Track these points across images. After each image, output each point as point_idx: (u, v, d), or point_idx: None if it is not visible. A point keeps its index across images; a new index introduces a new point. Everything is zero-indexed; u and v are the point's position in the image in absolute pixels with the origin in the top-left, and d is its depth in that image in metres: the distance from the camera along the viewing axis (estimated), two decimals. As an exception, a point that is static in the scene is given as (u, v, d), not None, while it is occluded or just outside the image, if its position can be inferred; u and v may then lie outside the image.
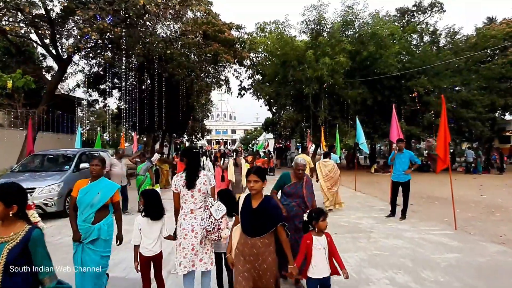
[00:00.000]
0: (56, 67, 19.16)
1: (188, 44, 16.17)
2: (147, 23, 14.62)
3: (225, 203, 3.42)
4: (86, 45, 14.21)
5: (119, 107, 26.18)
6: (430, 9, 24.93)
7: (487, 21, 27.96)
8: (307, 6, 19.94)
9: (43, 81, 16.43)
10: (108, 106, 26.95)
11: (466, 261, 4.82)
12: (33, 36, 15.52)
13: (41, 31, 14.46)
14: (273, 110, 29.67)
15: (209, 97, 19.09)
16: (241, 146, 49.83)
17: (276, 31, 21.19)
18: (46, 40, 15.18)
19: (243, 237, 2.91)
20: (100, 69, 21.79)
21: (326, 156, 9.32)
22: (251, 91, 27.35)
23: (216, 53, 16.06)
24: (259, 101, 26.11)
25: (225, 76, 20.10)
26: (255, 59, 24.28)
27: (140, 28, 14.33)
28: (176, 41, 16.67)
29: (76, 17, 13.33)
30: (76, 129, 17.58)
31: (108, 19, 13.49)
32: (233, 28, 19.09)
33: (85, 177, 3.98)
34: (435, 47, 22.15)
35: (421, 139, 24.30)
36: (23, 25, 14.34)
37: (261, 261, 2.83)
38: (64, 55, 15.31)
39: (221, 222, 3.22)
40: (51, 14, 14.26)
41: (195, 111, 29.16)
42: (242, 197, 3.06)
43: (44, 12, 14.02)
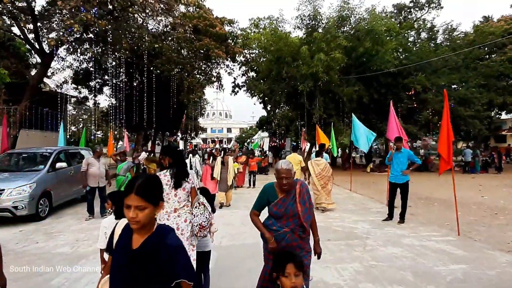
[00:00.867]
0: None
1: (178, 39, 15.54)
2: (134, 15, 13.97)
3: (208, 199, 3.53)
4: (69, 38, 13.56)
5: (110, 104, 25.60)
6: (427, 5, 24.47)
7: (483, 20, 27.60)
8: (302, 1, 19.40)
9: (27, 76, 15.72)
10: (98, 104, 26.35)
11: (474, 274, 4.29)
12: (16, 30, 14.88)
13: (23, 23, 13.81)
14: (268, 108, 29.14)
15: (201, 95, 18.40)
16: (236, 145, 49.21)
17: (270, 27, 20.64)
18: (31, 35, 14.54)
19: None
20: (90, 65, 21.16)
21: (318, 155, 9.09)
22: (245, 88, 26.76)
23: (207, 48, 15.43)
24: (252, 98, 25.50)
25: (217, 73, 19.46)
26: (248, 56, 23.68)
27: (127, 21, 13.67)
28: (165, 36, 16.02)
29: (57, 9, 12.66)
30: (64, 126, 17.00)
31: (93, 11, 12.85)
32: (226, 23, 18.49)
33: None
34: (432, 44, 21.68)
35: (418, 137, 23.86)
36: (5, 18, 13.68)
37: None
38: (48, 49, 14.66)
39: (212, 217, 3.36)
40: (34, 7, 13.60)
41: (188, 108, 28.60)
42: (120, 225, 1.85)
43: (26, 4, 13.36)
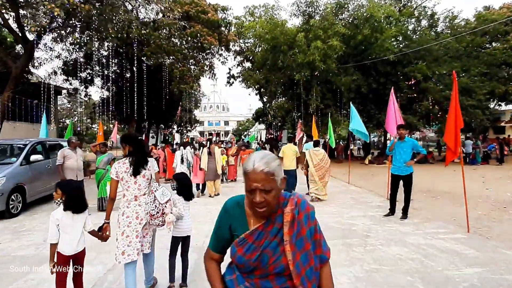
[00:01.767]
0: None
1: (168, 25, 14.77)
2: (120, 0, 13.20)
3: (181, 186, 3.60)
4: (51, 24, 12.80)
5: (101, 96, 24.86)
6: (427, -8, 23.71)
7: (483, 9, 26.85)
8: (298, -14, 18.63)
9: (9, 65, 14.92)
10: (90, 95, 25.58)
11: (492, 280, 3.71)
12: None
13: (5, 10, 13.05)
14: (264, 99, 28.46)
15: (193, 85, 17.65)
16: (233, 138, 48.64)
17: (266, 15, 19.86)
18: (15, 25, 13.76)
19: None
20: (80, 55, 20.40)
21: (316, 145, 8.78)
22: (240, 79, 26.01)
23: (199, 35, 14.69)
24: (247, 89, 24.79)
25: (209, 61, 18.64)
26: (243, 45, 22.92)
27: (113, 6, 12.90)
28: (155, 23, 15.26)
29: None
30: (51, 118, 16.29)
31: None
32: (219, 9, 17.68)
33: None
34: (433, 32, 20.97)
35: (417, 129, 23.29)
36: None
37: None
38: (31, 36, 13.89)
39: (165, 206, 3.20)
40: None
41: (182, 100, 27.83)
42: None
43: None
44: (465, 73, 18.79)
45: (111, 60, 21.18)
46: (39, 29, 12.66)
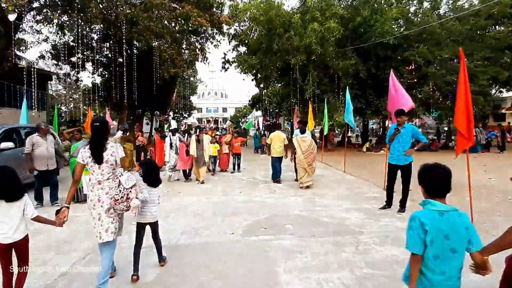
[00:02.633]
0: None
1: (157, 6, 13.97)
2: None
3: (148, 172, 3.68)
4: (30, 3, 12.02)
5: (93, 81, 24.11)
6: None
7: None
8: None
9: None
10: (81, 81, 24.79)
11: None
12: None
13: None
14: (261, 85, 27.70)
15: (185, 69, 16.88)
16: (231, 125, 48.01)
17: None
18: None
19: None
20: (70, 39, 19.58)
21: (303, 132, 8.65)
22: (235, 64, 25.15)
23: (188, 16, 13.89)
24: (242, 74, 23.98)
25: (200, 44, 17.79)
26: (238, 28, 22.04)
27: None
28: (142, 3, 14.43)
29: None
30: (35, 103, 15.61)
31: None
32: (211, -11, 16.78)
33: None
34: (435, 14, 20.09)
35: (417, 115, 22.66)
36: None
37: None
38: (10, 17, 13.10)
39: (130, 191, 3.22)
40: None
41: (177, 86, 27.10)
42: None
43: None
44: (468, 57, 18.03)
45: (100, 43, 20.41)
46: (17, 9, 11.93)
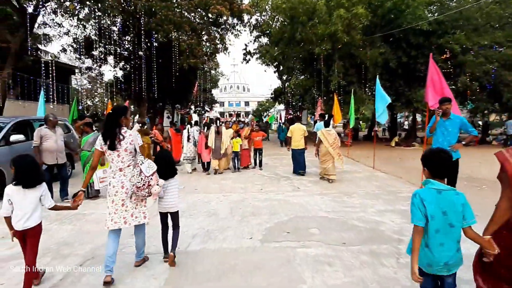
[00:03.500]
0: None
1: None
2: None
3: (157, 165, 3.48)
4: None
5: (115, 75, 24.13)
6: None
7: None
8: None
9: (8, 40, 14.16)
10: (103, 74, 24.90)
11: None
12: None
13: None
14: (283, 78, 26.92)
15: (204, 60, 16.37)
16: (253, 118, 47.51)
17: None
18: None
19: None
20: (92, 32, 19.55)
21: (327, 125, 8.50)
22: (257, 56, 24.48)
23: (207, 4, 13.32)
24: (264, 65, 23.26)
25: (219, 34, 17.14)
26: (260, 18, 21.33)
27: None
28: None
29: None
30: (53, 97, 15.56)
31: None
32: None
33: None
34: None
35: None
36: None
37: None
38: (27, 7, 13.02)
39: (151, 179, 3.30)
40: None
41: (198, 79, 26.74)
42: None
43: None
44: (510, 44, 16.54)
45: (121, 35, 20.27)
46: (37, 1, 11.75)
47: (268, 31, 21.15)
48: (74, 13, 14.03)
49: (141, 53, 18.94)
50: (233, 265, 3.61)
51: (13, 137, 7.03)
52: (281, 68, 25.24)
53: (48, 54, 20.98)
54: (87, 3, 13.58)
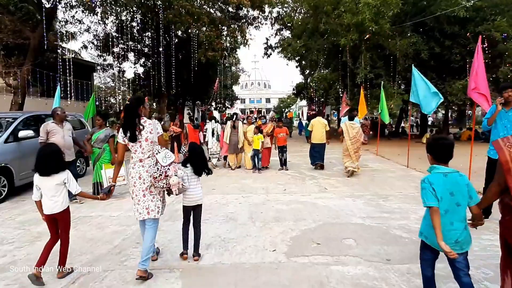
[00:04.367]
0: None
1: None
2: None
3: (191, 156, 3.59)
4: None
5: (135, 72, 24.06)
6: None
7: None
8: None
9: (28, 37, 14.06)
10: (124, 71, 24.84)
11: None
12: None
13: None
14: (306, 72, 26.03)
15: (223, 53, 15.73)
16: (274, 115, 46.76)
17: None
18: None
19: None
20: (113, 29, 19.45)
21: (352, 118, 8.49)
22: (278, 50, 23.67)
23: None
24: (286, 59, 22.43)
25: (237, 25, 16.31)
26: (281, 10, 20.53)
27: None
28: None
29: None
30: (71, 94, 15.36)
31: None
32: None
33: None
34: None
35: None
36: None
37: None
38: (45, 3, 12.84)
39: (168, 169, 3.17)
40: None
41: (218, 75, 26.28)
42: None
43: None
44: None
45: (141, 32, 20.04)
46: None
47: (290, 24, 20.34)
48: (91, 6, 13.72)
49: (160, 48, 18.65)
50: (253, 287, 2.96)
51: (21, 133, 6.65)
52: (303, 62, 24.38)
53: (66, 49, 21.01)
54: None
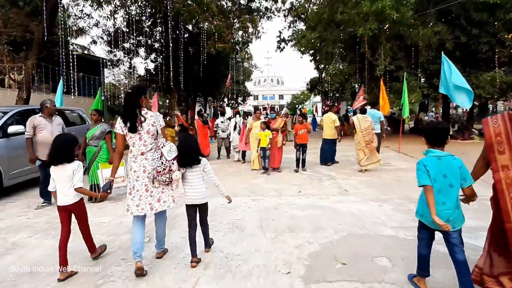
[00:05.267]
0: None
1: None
2: None
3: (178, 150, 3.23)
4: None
5: (146, 67, 23.58)
6: None
7: None
8: None
9: (32, 30, 13.61)
10: (134, 67, 24.41)
11: None
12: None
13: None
14: (320, 67, 25.05)
15: (233, 46, 14.94)
16: (287, 111, 45.91)
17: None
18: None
19: None
20: (121, 22, 19.02)
21: (364, 112, 8.27)
22: (292, 43, 22.76)
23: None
24: (299, 53, 21.48)
25: (249, 16, 15.40)
26: (294, 1, 19.65)
27: None
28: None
29: None
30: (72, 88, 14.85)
31: None
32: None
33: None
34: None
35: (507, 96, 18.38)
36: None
37: None
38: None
39: (172, 163, 3.07)
40: None
41: (230, 70, 25.60)
42: None
43: None
44: None
45: (151, 26, 19.53)
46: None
47: (304, 15, 19.43)
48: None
49: (170, 43, 18.09)
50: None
51: (11, 129, 6.08)
52: (317, 56, 23.44)
53: (73, 44, 20.62)
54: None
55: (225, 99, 35.92)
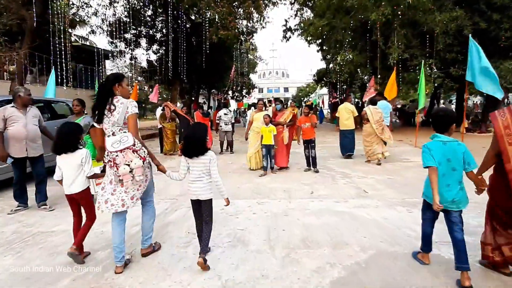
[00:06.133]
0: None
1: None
2: None
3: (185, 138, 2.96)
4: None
5: (148, 58, 22.84)
6: None
7: None
8: None
9: (25, 18, 12.89)
10: (135, 58, 23.65)
11: None
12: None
13: None
14: (327, 57, 24.08)
15: (237, 34, 14.02)
16: (293, 103, 44.98)
17: None
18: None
19: None
20: (121, 12, 18.28)
21: (374, 103, 8.28)
22: (298, 32, 21.79)
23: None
24: (306, 42, 20.48)
25: (252, 1, 14.31)
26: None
27: None
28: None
29: None
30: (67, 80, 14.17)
31: None
32: None
33: None
34: None
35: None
36: None
37: None
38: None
39: (116, 155, 2.67)
40: None
41: (234, 62, 24.77)
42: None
43: None
44: None
45: (152, 16, 18.75)
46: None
47: (311, 1, 18.48)
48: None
49: (171, 33, 17.29)
50: None
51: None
52: (324, 47, 22.47)
53: (69, 33, 19.85)
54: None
55: (229, 92, 35.12)
